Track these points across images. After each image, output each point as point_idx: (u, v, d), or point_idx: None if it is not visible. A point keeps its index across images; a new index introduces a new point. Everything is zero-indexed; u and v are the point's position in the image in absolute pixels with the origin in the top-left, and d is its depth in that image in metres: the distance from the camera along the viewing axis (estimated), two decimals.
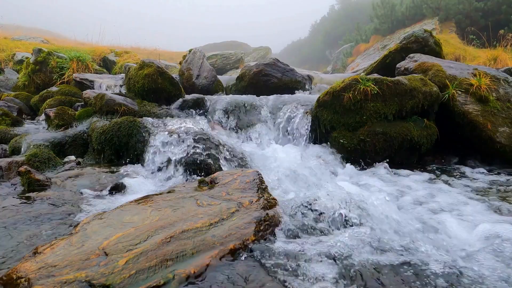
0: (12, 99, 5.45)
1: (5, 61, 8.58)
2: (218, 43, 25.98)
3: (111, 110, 3.60)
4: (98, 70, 7.27)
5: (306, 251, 1.45)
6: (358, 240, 1.55)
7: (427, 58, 4.10)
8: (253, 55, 20.03)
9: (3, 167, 2.58)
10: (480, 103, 3.35)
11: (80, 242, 1.39)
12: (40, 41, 12.27)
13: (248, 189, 1.92)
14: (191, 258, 1.28)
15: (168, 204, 1.78)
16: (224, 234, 1.44)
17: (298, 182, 2.61)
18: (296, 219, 1.75)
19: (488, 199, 2.25)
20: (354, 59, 17.18)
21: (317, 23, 36.01)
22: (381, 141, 3.14)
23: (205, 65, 5.37)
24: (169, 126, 3.08)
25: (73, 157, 3.18)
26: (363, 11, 24.09)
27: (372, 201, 1.83)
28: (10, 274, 1.20)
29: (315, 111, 3.51)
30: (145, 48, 14.27)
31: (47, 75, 6.56)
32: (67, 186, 2.38)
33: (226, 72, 13.34)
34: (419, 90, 3.26)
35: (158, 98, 4.08)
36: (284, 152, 3.15)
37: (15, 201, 2.11)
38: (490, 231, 1.70)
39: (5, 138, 3.62)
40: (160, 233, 1.42)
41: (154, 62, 4.20)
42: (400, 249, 1.48)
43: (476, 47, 10.37)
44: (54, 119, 3.70)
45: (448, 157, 3.44)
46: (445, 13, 14.12)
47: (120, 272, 1.17)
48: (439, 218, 1.90)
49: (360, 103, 3.21)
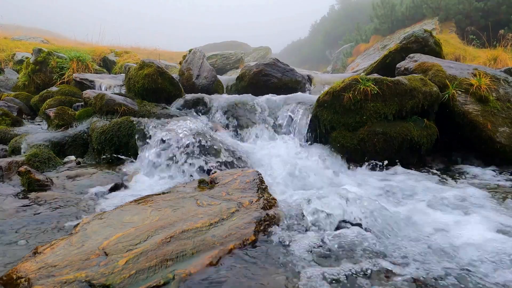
0: (12, 99, 5.44)
1: (5, 61, 8.58)
2: (218, 43, 25.97)
3: (111, 110, 3.60)
4: (98, 70, 7.27)
5: (306, 250, 1.45)
6: (357, 239, 1.54)
7: (427, 58, 4.10)
8: (253, 55, 20.03)
9: (3, 167, 2.58)
10: (480, 103, 3.35)
11: (80, 242, 1.39)
12: (40, 41, 12.27)
13: (248, 189, 1.92)
14: (191, 258, 1.28)
15: (168, 204, 1.78)
16: (224, 234, 1.44)
17: (298, 182, 2.61)
18: (296, 218, 1.75)
19: (490, 198, 2.25)
20: (354, 59, 17.18)
21: (317, 23, 36.00)
22: (381, 141, 3.14)
23: (205, 65, 5.37)
24: (169, 126, 3.08)
25: (73, 157, 3.18)
26: (363, 11, 24.09)
27: (372, 200, 1.83)
28: (10, 274, 1.20)
29: (315, 111, 3.51)
30: (145, 48, 14.27)
31: (47, 75, 6.56)
32: (67, 186, 2.38)
33: (226, 72, 13.34)
34: (419, 90, 3.26)
35: (158, 98, 4.08)
36: (284, 152, 3.14)
37: (15, 201, 2.11)
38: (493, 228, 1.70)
39: (5, 138, 3.62)
40: (160, 233, 1.42)
41: (154, 62, 4.20)
42: (405, 251, 1.48)
43: (476, 47, 10.37)
44: (54, 119, 3.70)
45: (448, 157, 3.44)
46: (445, 13, 14.12)
47: (120, 272, 1.17)
48: (440, 217, 1.90)
49: (360, 103, 3.21)
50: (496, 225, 1.77)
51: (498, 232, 1.70)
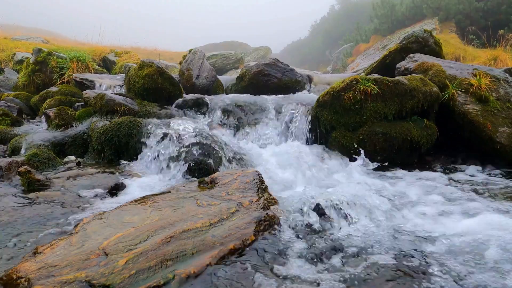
0: (12, 99, 5.44)
1: (5, 61, 8.57)
2: (218, 43, 25.95)
3: (111, 110, 3.60)
4: (98, 70, 7.27)
5: (306, 250, 1.46)
6: (357, 239, 1.55)
7: (427, 58, 4.10)
8: (253, 55, 20.00)
9: (3, 167, 2.58)
10: (480, 103, 3.34)
11: (80, 242, 1.39)
12: (40, 41, 12.26)
13: (248, 189, 1.92)
14: (191, 258, 1.28)
15: (168, 204, 1.78)
16: (224, 234, 1.44)
17: (298, 182, 2.61)
18: (296, 218, 1.75)
19: (490, 198, 2.25)
20: (354, 59, 17.16)
21: (317, 23, 35.97)
22: (381, 141, 3.14)
23: (205, 65, 5.37)
24: (169, 126, 3.08)
25: (73, 157, 3.18)
26: (363, 11, 24.07)
27: (371, 200, 1.83)
28: (10, 274, 1.20)
29: (315, 111, 3.51)
30: (145, 48, 14.26)
31: (47, 75, 6.56)
32: (67, 186, 2.38)
33: (226, 72, 13.32)
34: (419, 90, 3.26)
35: (158, 98, 4.08)
36: (284, 152, 3.14)
37: (15, 201, 2.11)
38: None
39: (5, 138, 3.62)
40: (160, 233, 1.42)
41: (154, 62, 4.20)
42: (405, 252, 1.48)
43: (476, 47, 10.37)
44: (54, 119, 3.70)
45: (448, 157, 3.44)
46: (445, 13, 14.11)
47: (120, 272, 1.17)
48: (442, 217, 1.90)
49: (360, 103, 3.21)
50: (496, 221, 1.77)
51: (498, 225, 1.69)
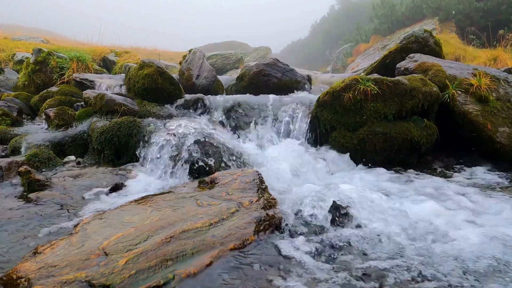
0: (12, 99, 5.44)
1: (5, 61, 8.57)
2: (218, 43, 25.93)
3: (111, 110, 3.60)
4: (98, 70, 7.26)
5: (306, 250, 1.45)
6: (356, 239, 1.55)
7: (427, 58, 4.10)
8: (253, 55, 19.99)
9: (3, 167, 2.58)
10: (480, 103, 3.34)
11: (80, 242, 1.39)
12: (40, 41, 12.25)
13: (248, 189, 1.92)
14: (191, 258, 1.28)
15: (168, 204, 1.78)
16: (224, 234, 1.44)
17: (298, 182, 2.61)
18: (295, 218, 1.75)
19: (490, 197, 2.25)
20: (354, 59, 17.16)
21: (317, 23, 35.94)
22: (381, 141, 3.14)
23: (205, 65, 5.36)
24: (169, 126, 3.08)
25: (73, 157, 3.18)
26: (363, 11, 24.06)
27: (370, 199, 1.83)
28: (10, 274, 1.20)
29: (315, 111, 3.51)
30: (145, 48, 14.25)
31: (47, 75, 6.56)
32: (67, 186, 2.38)
33: (226, 72, 13.31)
34: (419, 90, 3.26)
35: (158, 98, 4.08)
36: (284, 152, 3.14)
37: (15, 201, 2.11)
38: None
39: (5, 138, 3.62)
40: (160, 233, 1.42)
41: (154, 62, 4.20)
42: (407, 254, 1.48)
43: (476, 47, 10.36)
44: (54, 119, 3.70)
45: (448, 157, 3.44)
46: (445, 13, 14.10)
47: (120, 272, 1.17)
48: (441, 216, 1.90)
49: (360, 103, 3.21)
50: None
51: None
